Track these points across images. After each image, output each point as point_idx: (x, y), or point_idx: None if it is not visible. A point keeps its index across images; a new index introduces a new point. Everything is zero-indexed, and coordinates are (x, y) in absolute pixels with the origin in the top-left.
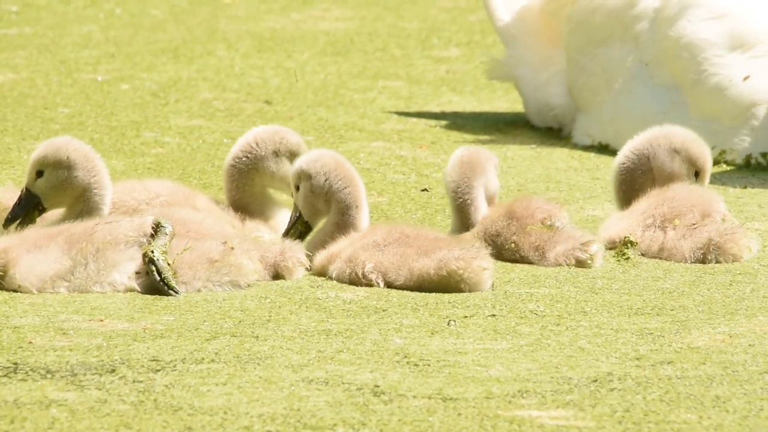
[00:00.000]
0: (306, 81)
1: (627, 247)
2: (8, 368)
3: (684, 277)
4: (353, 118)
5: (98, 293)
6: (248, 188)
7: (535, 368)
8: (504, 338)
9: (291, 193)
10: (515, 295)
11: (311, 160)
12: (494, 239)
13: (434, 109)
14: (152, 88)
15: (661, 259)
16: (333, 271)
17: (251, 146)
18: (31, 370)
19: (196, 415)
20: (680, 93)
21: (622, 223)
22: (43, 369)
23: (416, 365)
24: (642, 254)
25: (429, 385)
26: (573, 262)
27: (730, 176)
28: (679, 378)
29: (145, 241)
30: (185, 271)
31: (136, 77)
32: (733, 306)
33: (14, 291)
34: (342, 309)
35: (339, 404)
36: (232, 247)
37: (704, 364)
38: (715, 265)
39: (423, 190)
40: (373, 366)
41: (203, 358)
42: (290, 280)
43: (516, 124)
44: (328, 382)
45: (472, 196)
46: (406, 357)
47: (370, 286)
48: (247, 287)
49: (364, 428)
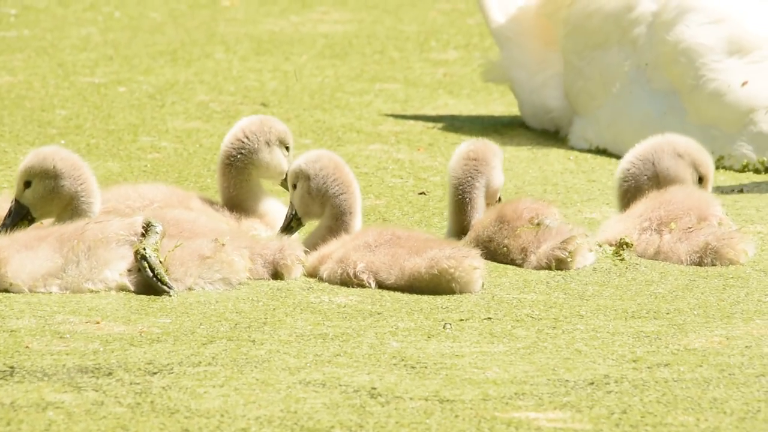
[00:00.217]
0: (303, 83)
1: (623, 249)
2: (5, 371)
3: (678, 281)
4: (350, 120)
5: (94, 293)
6: (245, 184)
7: (532, 370)
8: (500, 341)
9: (282, 182)
10: (509, 299)
11: (311, 161)
12: (487, 245)
13: (431, 111)
14: (149, 91)
15: (657, 261)
16: (324, 272)
17: (242, 141)
18: (28, 373)
19: (193, 417)
20: (678, 98)
21: (619, 225)
22: (40, 372)
23: (413, 368)
24: (638, 257)
25: (426, 388)
26: (554, 263)
27: (727, 180)
28: (676, 380)
29: (136, 239)
30: (176, 268)
31: (133, 80)
32: (728, 309)
33: (5, 291)
34: (337, 312)
35: (336, 406)
36: (222, 244)
37: (701, 366)
38: (708, 268)
39: (421, 193)
40: (370, 368)
41: (200, 362)
42: (283, 282)
43: (512, 126)
44: (325, 385)
45: (472, 196)
46: (402, 360)
47: (362, 286)
48: (240, 288)
49: (361, 430)
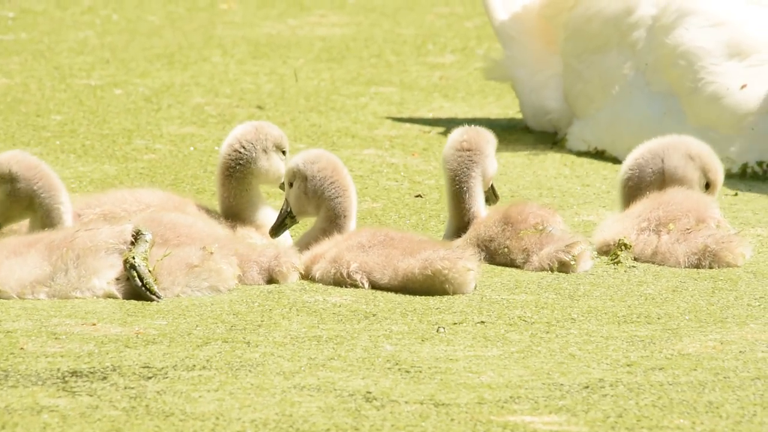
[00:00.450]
0: (299, 87)
1: (621, 250)
2: None
3: (669, 283)
4: (346, 123)
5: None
6: (245, 193)
7: (527, 374)
8: (494, 345)
9: (280, 186)
10: (500, 300)
11: (309, 162)
12: (488, 244)
13: (426, 115)
14: (145, 94)
15: (655, 263)
16: (317, 272)
17: (240, 152)
18: (22, 377)
19: (188, 420)
20: (677, 101)
21: (617, 226)
22: (35, 375)
23: (408, 372)
24: (636, 258)
25: (421, 391)
26: (556, 265)
27: (725, 183)
28: (671, 384)
29: (125, 248)
30: (164, 278)
31: (129, 83)
32: (720, 314)
33: None
34: (331, 313)
35: (331, 410)
36: (211, 252)
37: (695, 370)
38: (700, 270)
39: (417, 196)
40: (364, 372)
41: (195, 365)
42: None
43: (508, 129)
44: (320, 389)
45: (470, 185)
46: (397, 364)
47: (355, 286)
48: (230, 291)
49: None
